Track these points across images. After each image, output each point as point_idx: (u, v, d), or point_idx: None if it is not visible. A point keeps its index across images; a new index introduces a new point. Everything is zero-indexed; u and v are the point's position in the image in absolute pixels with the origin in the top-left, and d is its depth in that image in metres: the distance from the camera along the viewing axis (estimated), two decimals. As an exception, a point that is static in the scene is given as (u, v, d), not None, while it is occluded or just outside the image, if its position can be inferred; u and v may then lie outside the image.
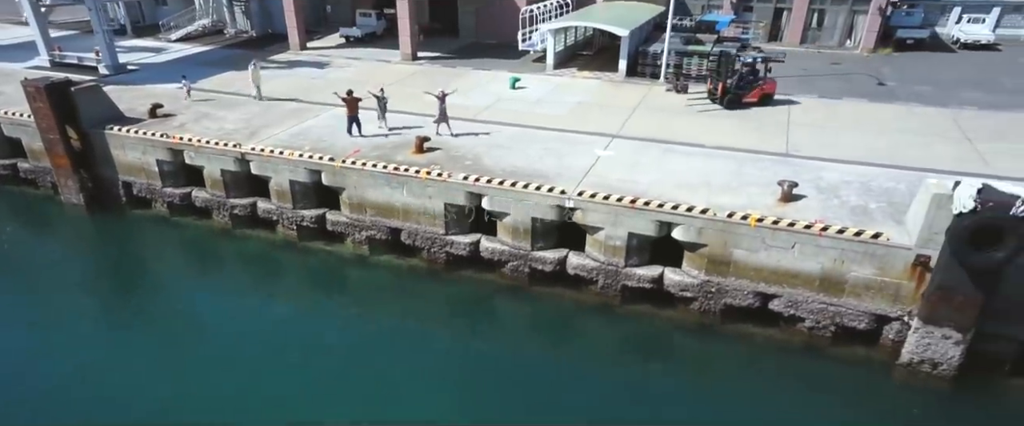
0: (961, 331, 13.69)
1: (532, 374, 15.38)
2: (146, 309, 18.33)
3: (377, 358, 15.79)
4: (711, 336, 16.52)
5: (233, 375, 15.12)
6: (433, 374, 15.24)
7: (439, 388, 14.80)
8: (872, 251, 14.32)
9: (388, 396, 14.48)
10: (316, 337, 16.76)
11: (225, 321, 17.71)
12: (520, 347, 16.73)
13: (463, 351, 16.46)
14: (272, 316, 17.96)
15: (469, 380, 15.27)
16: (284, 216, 20.35)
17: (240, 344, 16.37)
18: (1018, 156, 19.10)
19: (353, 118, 20.59)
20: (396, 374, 15.16)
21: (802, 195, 16.37)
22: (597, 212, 16.47)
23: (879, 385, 14.86)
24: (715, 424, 13.85)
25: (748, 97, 24.27)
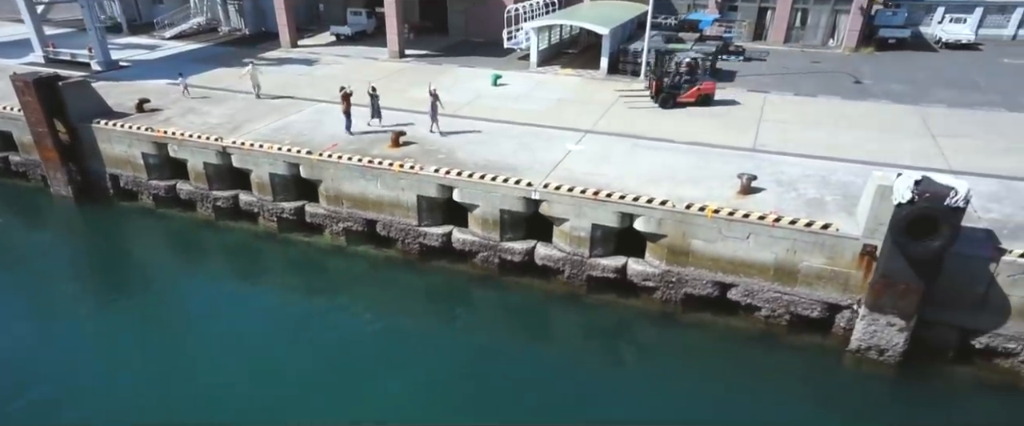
0: (905, 318, 14.19)
1: (502, 362, 15.86)
2: (131, 298, 18.90)
3: (352, 346, 16.27)
4: (673, 324, 17.02)
5: (214, 361, 15.61)
6: (406, 361, 15.68)
7: (412, 375, 15.18)
8: (822, 241, 14.83)
9: (362, 382, 14.95)
10: (294, 325, 17.23)
11: (207, 310, 18.24)
12: (490, 335, 17.23)
13: (435, 340, 16.89)
14: (253, 305, 18.50)
15: (440, 368, 15.61)
16: (265, 208, 20.94)
17: (221, 332, 16.92)
18: (978, 152, 19.58)
19: (347, 114, 21.04)
20: (370, 361, 15.68)
21: (761, 188, 16.88)
22: (562, 204, 17.01)
23: (831, 371, 15.37)
24: (675, 411, 14.20)
25: (684, 97, 24.20)
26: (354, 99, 21.19)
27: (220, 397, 14.52)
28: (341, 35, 38.57)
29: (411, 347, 16.38)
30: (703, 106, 24.23)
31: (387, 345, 16.35)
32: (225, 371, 15.30)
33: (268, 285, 19.64)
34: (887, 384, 14.89)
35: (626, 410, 14.10)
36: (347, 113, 21.02)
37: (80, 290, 19.51)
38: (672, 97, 24.20)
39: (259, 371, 15.26)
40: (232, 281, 19.92)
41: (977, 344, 14.41)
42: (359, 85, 22.72)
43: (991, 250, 13.73)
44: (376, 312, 17.72)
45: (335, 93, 25.56)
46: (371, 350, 16.18)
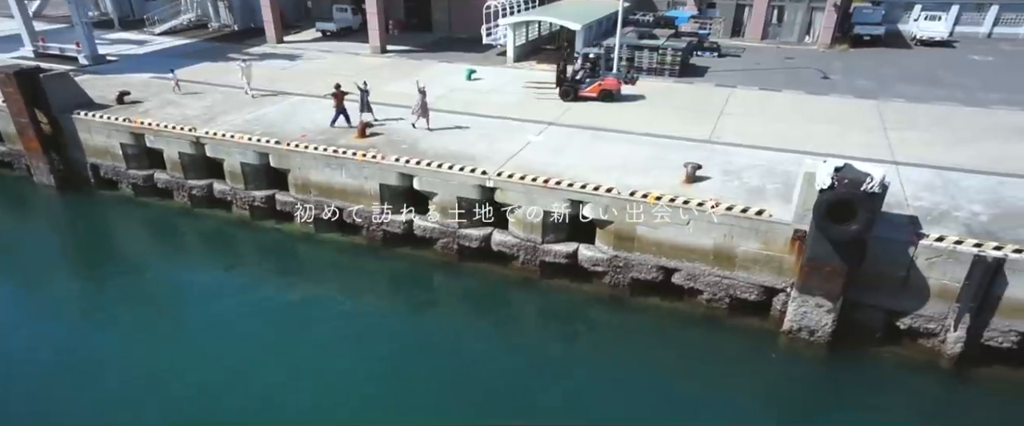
0: (831, 300, 14.84)
1: (458, 344, 16.44)
2: (110, 284, 19.55)
3: (318, 328, 16.80)
4: (622, 308, 17.69)
5: (189, 343, 16.25)
6: (368, 343, 16.24)
7: (374, 355, 15.74)
8: (757, 227, 15.50)
9: (326, 362, 15.46)
10: (264, 309, 17.77)
11: (183, 295, 18.91)
12: (448, 319, 18.00)
13: (396, 322, 17.52)
14: (226, 290, 19.17)
15: (400, 349, 16.11)
16: (238, 196, 21.70)
17: (196, 315, 17.69)
18: (924, 144, 20.17)
19: (341, 109, 21.44)
20: (334, 342, 16.19)
21: (706, 176, 17.54)
22: (514, 191, 17.71)
23: (767, 352, 15.97)
24: (621, 392, 14.65)
25: (585, 91, 24.78)
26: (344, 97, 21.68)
27: (193, 377, 15.06)
28: (326, 31, 39.34)
29: (374, 329, 17.02)
30: (607, 101, 24.74)
31: (351, 328, 16.95)
32: (199, 352, 15.90)
33: (241, 270, 20.39)
34: (818, 364, 15.52)
35: (577, 391, 14.69)
36: (341, 108, 21.40)
37: (60, 276, 20.21)
38: (574, 90, 24.82)
39: (230, 352, 15.91)
40: (207, 267, 20.66)
41: (901, 325, 15.05)
42: (339, 79, 23.28)
43: (911, 235, 14.37)
44: (342, 296, 18.38)
45: (312, 87, 26.53)
46: (336, 332, 16.71)
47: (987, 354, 14.56)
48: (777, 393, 15.36)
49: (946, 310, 14.49)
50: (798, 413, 14.86)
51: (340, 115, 21.50)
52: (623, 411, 13.97)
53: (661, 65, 29.10)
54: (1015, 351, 14.33)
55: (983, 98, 25.10)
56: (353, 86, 21.69)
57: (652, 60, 29.25)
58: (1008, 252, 13.58)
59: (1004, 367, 14.59)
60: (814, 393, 15.33)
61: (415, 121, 21.62)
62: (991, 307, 14.08)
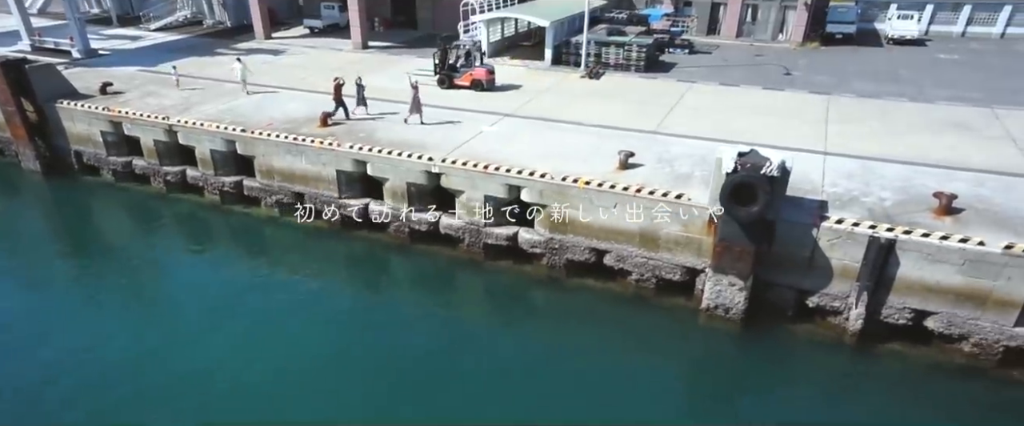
0: (742, 278, 15.77)
1: (404, 322, 17.46)
2: (89, 264, 20.86)
3: (278, 306, 17.86)
4: (559, 288, 18.68)
5: (160, 318, 17.56)
6: (323, 320, 17.33)
7: (328, 332, 16.85)
8: (677, 210, 16.44)
9: (284, 337, 16.54)
10: (231, 289, 18.93)
11: (157, 275, 20.16)
12: (398, 298, 19.13)
13: (350, 301, 18.65)
14: (196, 270, 20.48)
15: (351, 326, 17.30)
16: (208, 182, 22.93)
17: (166, 293, 19.11)
18: (858, 136, 20.97)
19: (339, 102, 22.31)
20: (293, 320, 17.27)
21: (639, 164, 18.51)
22: (458, 176, 18.78)
23: (689, 330, 16.92)
24: (555, 369, 15.50)
25: (460, 81, 26.77)
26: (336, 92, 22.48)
27: (163, 348, 16.23)
28: (314, 28, 40.59)
29: (326, 306, 18.10)
30: (479, 90, 26.50)
31: (306, 304, 18.03)
32: (170, 325, 17.19)
33: (211, 252, 21.63)
34: (734, 340, 16.46)
35: (512, 366, 15.62)
36: (339, 101, 22.23)
37: (42, 255, 21.47)
38: (449, 79, 26.80)
39: (198, 325, 17.12)
40: (179, 248, 21.89)
41: (810, 303, 15.95)
42: (319, 73, 24.41)
43: (814, 217, 15.27)
44: (303, 277, 19.36)
45: (292, 81, 27.78)
46: (292, 308, 17.78)
47: (885, 330, 15.42)
48: (697, 367, 16.37)
49: (848, 289, 15.38)
50: (715, 386, 15.71)
51: (339, 107, 22.38)
52: (554, 385, 14.84)
53: (627, 61, 30.03)
54: (909, 327, 15.18)
55: (932, 94, 25.79)
56: (320, 78, 22.82)
57: (618, 56, 30.17)
58: (899, 233, 14.45)
59: (901, 342, 15.45)
60: (730, 367, 16.26)
61: (408, 117, 22.30)
62: (887, 286, 14.94)
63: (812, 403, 14.67)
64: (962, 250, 13.97)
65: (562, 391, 14.73)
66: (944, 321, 14.78)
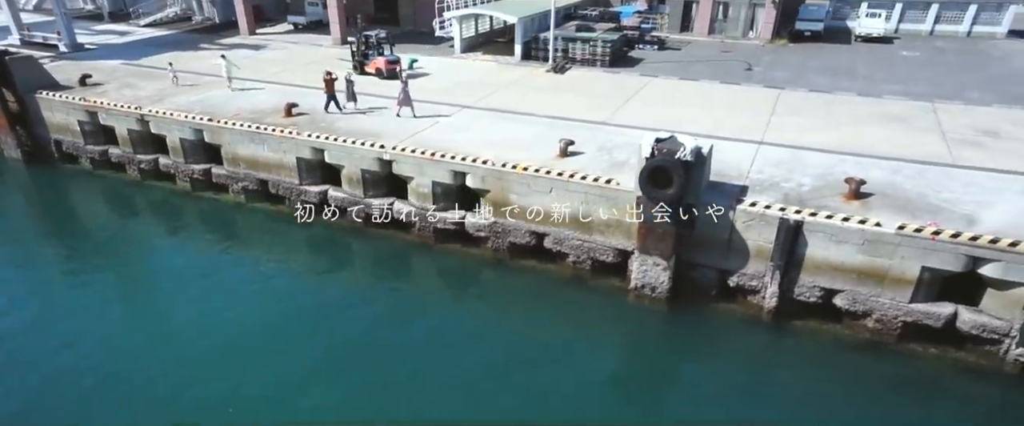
0: (665, 258, 16.69)
1: (358, 303, 18.27)
2: (65, 247, 21.94)
3: (238, 288, 18.96)
4: (504, 270, 19.62)
5: (131, 297, 18.82)
6: (281, 300, 18.26)
7: (286, 311, 17.71)
8: (606, 194, 17.37)
9: (240, 315, 17.49)
10: (198, 271, 20.02)
11: (128, 257, 21.22)
12: (352, 280, 20.04)
13: (306, 282, 19.43)
14: (167, 254, 21.51)
15: (307, 305, 18.09)
16: (179, 169, 23.99)
17: (137, 274, 20.17)
18: (798, 128, 21.81)
19: (331, 96, 23.17)
20: (252, 299, 18.28)
21: (580, 152, 19.44)
22: (407, 163, 19.78)
23: (620, 308, 17.78)
24: (497, 346, 16.38)
25: (368, 68, 29.38)
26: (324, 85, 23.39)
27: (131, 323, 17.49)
28: (298, 24, 41.69)
29: (289, 288, 19.03)
30: (382, 78, 28.68)
31: (269, 286, 19.04)
32: (140, 303, 18.45)
33: (181, 237, 22.68)
34: (661, 318, 17.34)
35: (456, 344, 16.42)
36: (331, 94, 23.08)
37: (22, 238, 22.63)
38: (361, 66, 29.49)
39: (166, 302, 18.28)
40: (152, 233, 22.94)
41: (731, 283, 16.86)
42: (296, 68, 25.29)
43: (731, 201, 16.18)
44: (265, 260, 20.49)
45: (267, 75, 28.82)
46: (254, 289, 18.88)
47: (798, 308, 16.30)
48: (627, 345, 17.24)
49: (763, 269, 16.26)
50: (643, 362, 16.64)
51: (331, 101, 23.20)
52: (496, 362, 15.73)
53: (593, 56, 30.97)
54: (820, 305, 16.07)
55: (881, 89, 26.60)
56: (298, 73, 23.84)
57: (585, 51, 31.12)
58: (806, 216, 15.35)
59: (813, 319, 16.32)
60: (657, 345, 17.17)
61: (399, 111, 23.04)
62: (798, 265, 15.84)
63: (732, 379, 15.38)
64: (861, 231, 14.86)
65: (502, 368, 15.55)
66: (849, 298, 15.66)
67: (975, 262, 14.19)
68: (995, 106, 23.91)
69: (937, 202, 15.97)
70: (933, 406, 14.53)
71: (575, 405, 14.39)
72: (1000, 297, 14.36)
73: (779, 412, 14.17)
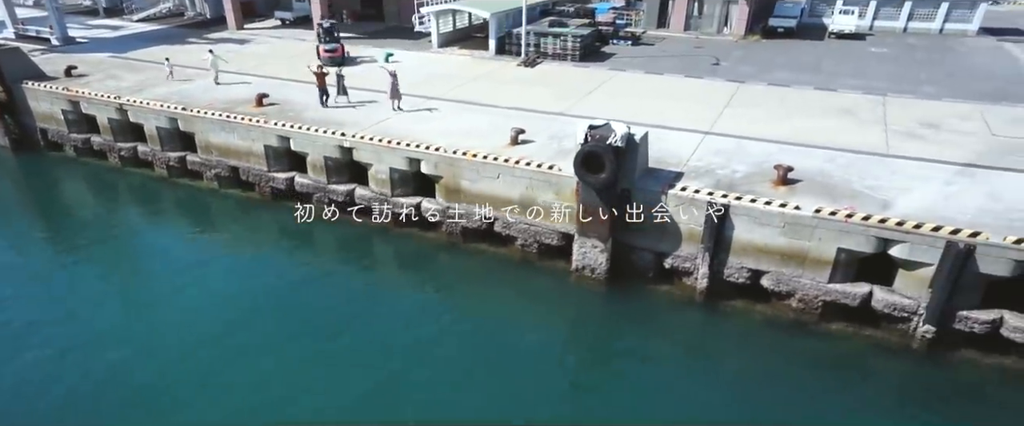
0: (603, 241, 17.53)
1: (321, 284, 19.10)
2: (48, 231, 22.92)
3: (209, 270, 19.82)
4: (458, 253, 20.48)
5: (102, 278, 19.68)
6: (249, 280, 19.23)
7: (250, 290, 18.62)
8: (549, 179, 18.21)
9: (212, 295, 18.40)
10: (169, 252, 21.22)
11: (106, 239, 22.19)
12: (316, 261, 20.80)
13: (271, 263, 20.32)
14: (142, 235, 22.64)
15: (271, 285, 18.94)
16: (157, 157, 25.00)
17: (112, 254, 21.15)
18: (748, 119, 22.56)
19: (323, 90, 23.90)
20: (219, 281, 19.21)
21: (531, 140, 20.29)
22: (366, 151, 20.68)
23: (564, 289, 18.65)
24: (448, 324, 17.25)
25: (336, 55, 31.61)
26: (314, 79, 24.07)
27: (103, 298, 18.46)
28: (285, 20, 42.66)
29: (251, 269, 19.95)
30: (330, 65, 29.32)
31: (235, 269, 19.98)
32: (115, 281, 19.42)
33: (157, 221, 23.71)
34: (601, 299, 18.14)
35: (410, 322, 17.23)
36: (322, 89, 23.77)
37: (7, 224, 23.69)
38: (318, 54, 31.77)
39: (137, 287, 19.21)
40: (130, 218, 24.07)
41: (666, 265, 17.67)
42: (277, 62, 26.02)
43: (664, 186, 16.99)
44: (233, 242, 21.59)
45: (247, 67, 29.76)
46: (223, 272, 19.76)
47: (729, 288, 17.11)
48: (570, 325, 18.09)
49: (695, 251, 17.07)
50: (584, 341, 17.55)
51: (323, 94, 23.87)
52: (447, 339, 16.59)
53: (564, 50, 31.79)
54: (748, 285, 16.86)
55: (839, 83, 27.28)
56: (279, 66, 24.77)
57: (556, 46, 31.93)
58: (731, 200, 16.15)
59: (742, 299, 17.12)
60: (597, 324, 18.02)
61: (394, 104, 23.66)
62: (726, 248, 16.64)
63: (666, 358, 16.16)
64: (781, 214, 15.65)
65: (452, 347, 16.30)
66: (774, 279, 16.45)
67: (886, 244, 14.96)
68: (945, 100, 24.58)
69: (860, 188, 16.73)
70: (850, 382, 15.13)
71: (517, 381, 15.05)
72: (909, 277, 15.13)
73: (709, 390, 14.85)
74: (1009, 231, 14.10)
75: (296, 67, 29.68)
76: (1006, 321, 14.46)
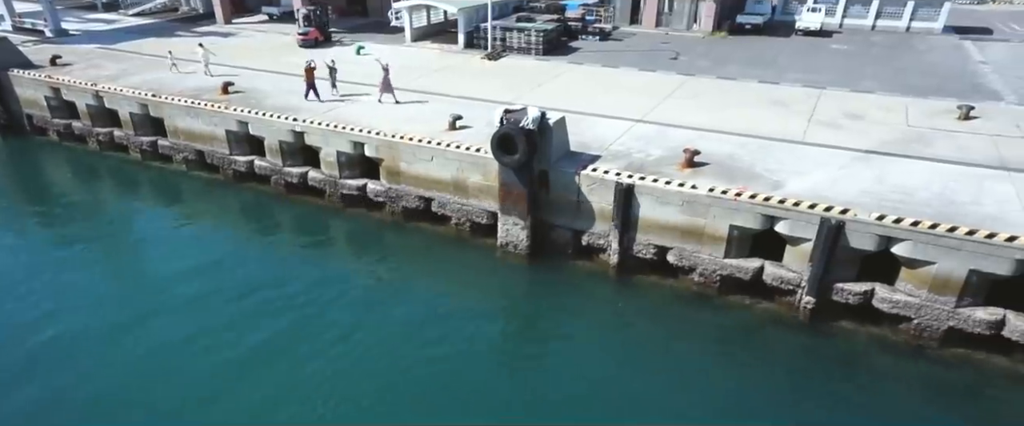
0: (522, 219, 18.77)
1: (273, 260, 20.40)
2: (30, 210, 24.60)
3: (175, 247, 21.26)
4: (399, 231, 21.81)
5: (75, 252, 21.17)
6: (207, 254, 20.52)
7: (208, 264, 19.87)
8: (477, 161, 19.46)
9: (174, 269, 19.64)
10: (139, 229, 22.96)
11: (81, 217, 23.81)
12: (271, 239, 22.21)
13: (230, 242, 21.71)
14: (117, 214, 24.25)
15: (227, 260, 20.23)
16: (131, 141, 26.60)
17: (86, 230, 22.67)
18: (683, 109, 23.65)
19: (310, 85, 24.73)
20: (181, 256, 20.44)
21: (469, 126, 21.55)
22: (315, 135, 22.07)
23: (492, 264, 19.89)
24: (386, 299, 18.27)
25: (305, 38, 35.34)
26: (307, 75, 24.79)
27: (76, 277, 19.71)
28: (272, 15, 44.26)
29: (211, 244, 21.37)
30: None
31: (197, 244, 21.37)
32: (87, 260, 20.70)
33: (131, 201, 25.26)
34: (524, 274, 19.37)
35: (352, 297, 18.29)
36: (311, 84, 24.56)
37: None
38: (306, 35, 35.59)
39: (105, 259, 20.73)
40: (104, 197, 25.62)
41: (583, 242, 18.87)
42: (257, 54, 27.22)
43: (577, 167, 18.20)
44: (196, 221, 23.05)
45: (229, 59, 31.26)
46: (186, 248, 21.16)
47: (639, 264, 18.28)
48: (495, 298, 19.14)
49: (607, 229, 18.26)
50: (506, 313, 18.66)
51: (310, 90, 24.64)
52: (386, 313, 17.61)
53: (528, 45, 33.02)
54: (655, 261, 18.02)
55: (786, 77, 28.24)
56: (259, 59, 26.22)
57: (520, 40, 33.18)
58: (636, 180, 17.33)
59: (652, 274, 18.28)
60: (520, 297, 19.23)
61: (380, 97, 24.65)
62: (634, 225, 17.81)
63: (579, 328, 17.29)
64: (679, 193, 16.80)
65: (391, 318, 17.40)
66: (677, 255, 17.61)
67: (772, 221, 16.07)
68: (879, 93, 25.51)
69: (760, 171, 17.83)
70: (745, 351, 16.10)
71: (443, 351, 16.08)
72: (793, 252, 16.24)
73: (618, 362, 15.77)
74: (880, 209, 15.17)
75: (271, 59, 31.20)
76: (877, 293, 15.53)
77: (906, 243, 14.66)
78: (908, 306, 15.23)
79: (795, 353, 16.36)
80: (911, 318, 15.32)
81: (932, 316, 15.02)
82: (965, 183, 16.73)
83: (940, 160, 18.43)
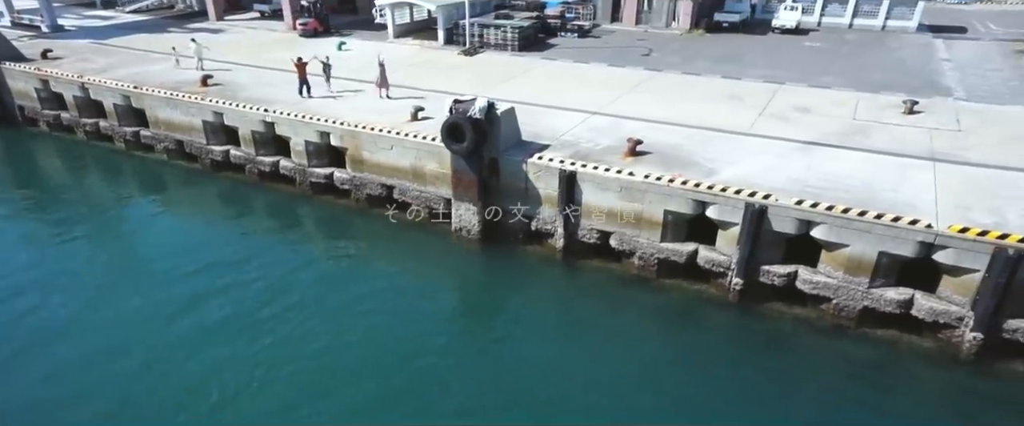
0: (474, 204, 19.66)
1: (246, 246, 21.27)
2: (18, 196, 25.87)
3: (154, 232, 22.54)
4: (364, 217, 22.70)
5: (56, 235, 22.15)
6: (181, 238, 21.77)
7: (181, 246, 20.96)
8: (433, 150, 20.36)
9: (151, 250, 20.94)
10: (119, 214, 24.04)
11: (63, 202, 24.99)
12: (243, 225, 23.14)
13: (204, 226, 22.91)
14: (98, 200, 25.32)
15: (201, 244, 21.22)
16: (116, 131, 27.70)
17: (69, 215, 23.67)
18: (642, 103, 24.47)
19: (303, 81, 25.40)
20: (159, 240, 21.78)
21: (429, 117, 22.44)
22: (284, 125, 23.07)
23: (448, 247, 20.79)
24: (350, 280, 19.24)
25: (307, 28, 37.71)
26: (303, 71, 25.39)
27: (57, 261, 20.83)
28: (263, 12, 45.34)
29: (185, 229, 22.62)
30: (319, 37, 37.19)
31: (174, 229, 22.65)
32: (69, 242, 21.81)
33: (114, 189, 26.34)
34: (477, 258, 20.28)
35: (322, 280, 19.18)
36: (303, 79, 25.14)
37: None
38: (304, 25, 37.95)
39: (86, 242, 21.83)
40: (89, 185, 26.72)
41: (533, 227, 19.74)
42: (242, 50, 28.13)
43: (525, 155, 19.07)
44: (178, 208, 24.27)
45: (219, 55, 32.33)
46: (164, 233, 22.42)
47: (584, 248, 19.14)
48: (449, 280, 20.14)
49: (554, 214, 19.13)
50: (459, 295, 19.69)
51: (303, 85, 25.25)
52: (349, 295, 18.47)
53: (504, 41, 33.92)
54: (599, 245, 18.87)
55: (750, 73, 28.95)
56: (246, 55, 27.28)
57: (497, 37, 34.08)
58: (578, 167, 18.18)
59: (596, 258, 19.13)
60: (473, 280, 20.15)
61: (380, 93, 25.35)
62: (578, 211, 18.67)
63: (526, 310, 18.20)
64: (618, 179, 17.65)
65: (354, 299, 18.28)
66: (619, 239, 18.45)
67: (703, 206, 16.90)
68: (834, 89, 26.22)
69: (698, 160, 18.64)
70: (680, 332, 17.13)
71: (399, 330, 16.94)
72: (724, 236, 17.06)
73: (559, 342, 16.61)
74: (803, 195, 15.96)
75: (256, 54, 32.23)
76: (800, 275, 16.32)
77: (823, 226, 15.46)
78: (827, 287, 16.01)
79: (726, 332, 17.22)
80: (830, 298, 16.11)
81: (848, 296, 15.80)
82: (890, 172, 17.49)
83: (874, 151, 19.19)
